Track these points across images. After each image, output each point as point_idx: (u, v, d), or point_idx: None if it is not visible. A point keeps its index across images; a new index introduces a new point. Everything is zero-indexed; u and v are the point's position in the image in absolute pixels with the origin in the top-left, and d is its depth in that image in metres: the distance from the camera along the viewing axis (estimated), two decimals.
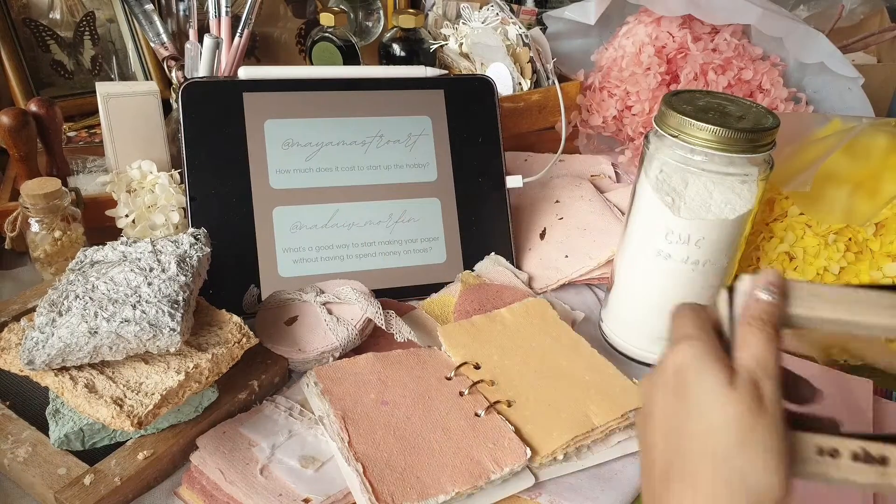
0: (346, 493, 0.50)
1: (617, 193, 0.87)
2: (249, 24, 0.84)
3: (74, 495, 0.47)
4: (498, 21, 0.96)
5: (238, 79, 0.71)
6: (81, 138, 0.91)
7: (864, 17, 1.15)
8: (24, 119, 0.71)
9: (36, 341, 0.50)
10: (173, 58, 0.89)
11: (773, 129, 0.57)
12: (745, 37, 0.96)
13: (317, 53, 1.01)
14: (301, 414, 0.56)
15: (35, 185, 0.66)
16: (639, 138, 0.96)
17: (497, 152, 0.77)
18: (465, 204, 0.75)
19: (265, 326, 0.63)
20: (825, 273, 0.67)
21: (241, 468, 0.50)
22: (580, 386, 0.59)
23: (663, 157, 0.60)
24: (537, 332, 0.64)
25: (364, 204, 0.72)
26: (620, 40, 0.98)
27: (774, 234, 0.70)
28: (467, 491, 0.50)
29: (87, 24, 0.96)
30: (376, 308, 0.64)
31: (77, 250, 0.63)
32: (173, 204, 0.72)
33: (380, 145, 0.73)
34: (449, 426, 0.54)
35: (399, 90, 0.75)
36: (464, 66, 0.98)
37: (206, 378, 0.52)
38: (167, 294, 0.53)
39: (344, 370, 0.58)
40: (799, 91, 0.96)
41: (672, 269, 0.61)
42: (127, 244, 0.60)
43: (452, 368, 0.59)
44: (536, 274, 0.76)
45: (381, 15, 1.16)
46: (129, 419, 0.47)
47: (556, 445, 0.53)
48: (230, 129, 0.69)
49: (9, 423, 0.53)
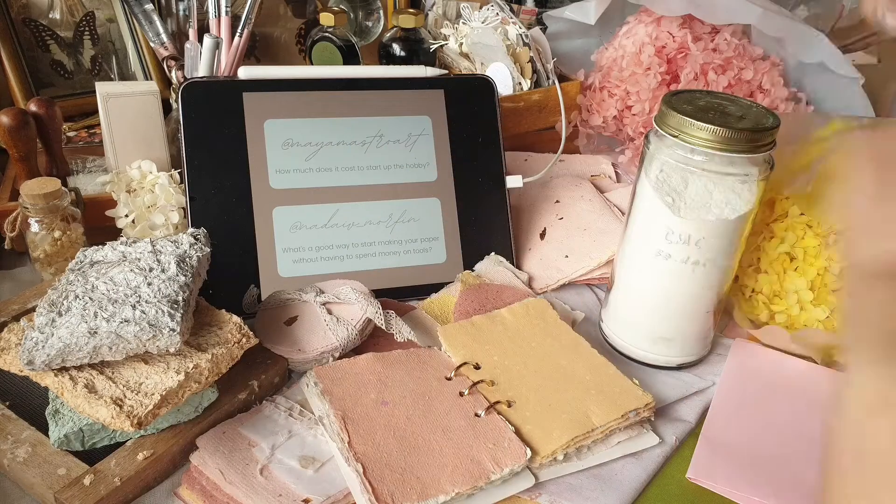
0: (346, 494, 0.50)
1: (617, 193, 0.87)
2: (249, 24, 0.84)
3: (74, 495, 0.47)
4: (498, 21, 0.96)
5: (238, 79, 0.71)
6: (81, 138, 0.91)
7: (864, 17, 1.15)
8: (23, 119, 0.71)
9: (36, 341, 0.50)
10: (173, 58, 0.89)
11: (773, 129, 0.57)
12: (746, 37, 0.96)
13: (317, 53, 1.01)
14: (301, 414, 0.56)
15: (35, 185, 0.66)
16: (639, 138, 0.96)
17: (497, 152, 0.77)
18: (465, 204, 0.75)
19: (265, 326, 0.63)
20: (825, 273, 0.67)
21: (240, 468, 0.50)
22: (580, 386, 0.59)
23: (663, 157, 0.60)
24: (537, 332, 0.64)
25: (364, 204, 0.72)
26: (620, 40, 0.98)
27: (775, 234, 0.70)
28: (467, 491, 0.50)
29: (86, 24, 0.96)
30: (376, 308, 0.63)
31: (77, 250, 0.63)
32: (173, 204, 0.72)
33: (380, 145, 0.73)
34: (449, 426, 0.54)
35: (399, 90, 0.75)
36: (464, 66, 0.98)
37: (206, 378, 0.52)
38: (167, 294, 0.53)
39: (344, 370, 0.58)
40: (799, 91, 0.96)
41: (672, 269, 0.61)
42: (127, 244, 0.60)
43: (452, 369, 0.59)
44: (536, 274, 0.76)
45: (381, 15, 1.16)
46: (128, 419, 0.47)
47: (556, 445, 0.53)
48: (230, 129, 0.69)
49: (9, 423, 0.53)
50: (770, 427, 0.60)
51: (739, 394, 0.63)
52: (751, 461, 0.56)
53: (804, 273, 0.68)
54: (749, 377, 0.65)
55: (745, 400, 0.63)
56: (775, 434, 0.59)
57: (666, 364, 0.66)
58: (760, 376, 0.65)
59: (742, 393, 0.63)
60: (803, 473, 0.55)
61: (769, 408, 0.62)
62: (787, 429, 0.60)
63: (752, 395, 0.63)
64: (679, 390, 0.63)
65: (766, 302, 0.70)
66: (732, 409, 0.61)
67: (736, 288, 0.73)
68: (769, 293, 0.70)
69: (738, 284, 0.72)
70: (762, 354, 0.68)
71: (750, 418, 0.61)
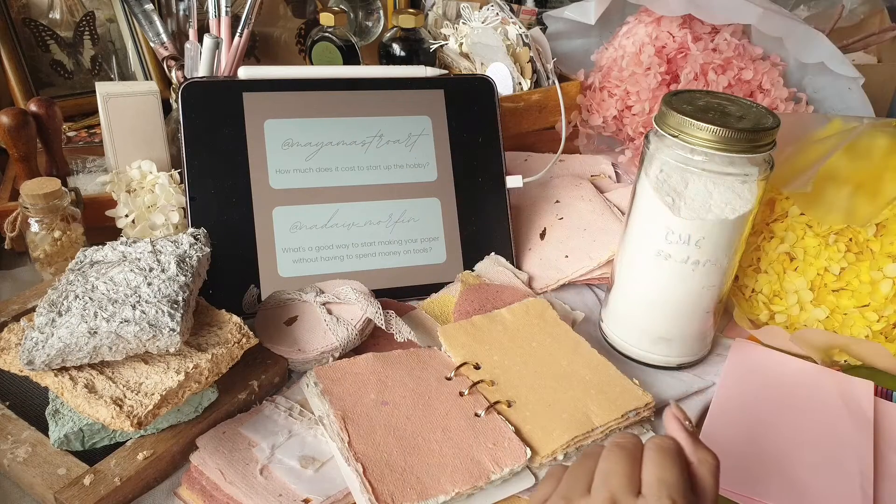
0: (346, 494, 0.50)
1: (617, 193, 0.87)
2: (249, 24, 0.84)
3: (74, 495, 0.47)
4: (498, 21, 0.96)
5: (238, 79, 0.71)
6: (81, 138, 0.91)
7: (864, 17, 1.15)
8: (23, 119, 0.71)
9: (35, 341, 0.50)
10: (173, 58, 0.89)
11: (773, 129, 0.57)
12: (746, 37, 0.96)
13: (317, 53, 1.01)
14: (301, 414, 0.56)
15: (35, 185, 0.66)
16: (639, 138, 0.96)
17: (497, 152, 0.77)
18: (465, 204, 0.75)
19: (265, 326, 0.63)
20: (825, 273, 0.67)
21: (240, 468, 0.50)
22: (580, 386, 0.59)
23: (663, 157, 0.60)
24: (537, 332, 0.64)
25: (364, 204, 0.72)
26: (620, 40, 0.98)
27: (775, 234, 0.70)
28: (467, 491, 0.50)
29: (86, 24, 0.96)
30: (376, 308, 0.63)
31: (77, 250, 0.63)
32: (173, 204, 0.72)
33: (380, 145, 0.73)
34: (449, 426, 0.54)
35: (399, 90, 0.75)
36: (464, 66, 0.98)
37: (206, 378, 0.52)
38: (167, 294, 0.53)
39: (344, 370, 0.58)
40: (799, 91, 0.96)
41: (672, 269, 0.61)
42: (126, 244, 0.60)
43: (452, 368, 0.59)
44: (536, 274, 0.76)
45: (381, 15, 1.16)
46: (128, 419, 0.47)
47: (556, 445, 0.53)
48: (230, 129, 0.69)
49: (9, 423, 0.53)
50: (770, 427, 0.60)
51: (739, 394, 0.63)
52: (751, 461, 0.56)
53: (804, 273, 0.68)
54: (749, 377, 0.65)
55: (745, 400, 0.63)
56: (775, 434, 0.59)
57: (666, 364, 0.66)
58: (760, 376, 0.65)
59: (742, 393, 0.63)
60: (803, 473, 0.55)
61: (769, 408, 0.62)
62: (787, 429, 0.60)
63: (752, 395, 0.63)
64: (679, 390, 0.63)
65: (766, 302, 0.70)
66: (732, 409, 0.61)
67: (736, 288, 0.73)
68: (769, 293, 0.70)
69: (738, 284, 0.72)
70: (762, 354, 0.68)
71: (750, 418, 0.61)
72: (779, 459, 0.57)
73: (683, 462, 0.39)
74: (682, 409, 0.43)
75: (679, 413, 0.42)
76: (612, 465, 0.39)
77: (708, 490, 0.39)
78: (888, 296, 0.65)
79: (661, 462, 0.38)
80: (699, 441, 0.41)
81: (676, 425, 0.42)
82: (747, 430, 0.59)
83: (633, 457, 0.39)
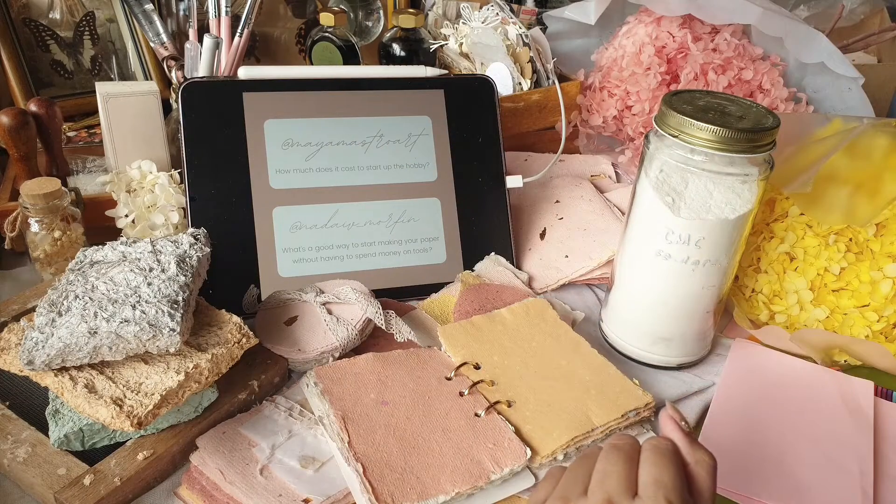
0: (346, 494, 0.50)
1: (617, 193, 0.87)
2: (249, 24, 0.84)
3: (74, 495, 0.47)
4: (498, 21, 0.96)
5: (238, 79, 0.71)
6: (81, 138, 0.91)
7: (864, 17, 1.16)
8: (23, 119, 0.71)
9: (35, 341, 0.50)
10: (173, 58, 0.89)
11: (773, 129, 0.57)
12: (746, 37, 0.96)
13: (317, 53, 1.01)
14: (301, 414, 0.56)
15: (35, 185, 0.66)
16: (639, 138, 0.96)
17: (497, 152, 0.77)
18: (465, 204, 0.75)
19: (265, 326, 0.63)
20: (825, 273, 0.67)
21: (240, 468, 0.50)
22: (580, 386, 0.59)
23: (663, 157, 0.60)
24: (537, 332, 0.64)
25: (364, 204, 0.72)
26: (620, 40, 0.98)
27: (775, 234, 0.70)
28: (467, 491, 0.50)
29: (86, 24, 0.96)
30: (376, 308, 0.63)
31: (77, 250, 0.63)
32: (173, 204, 0.72)
33: (380, 145, 0.73)
34: (449, 426, 0.54)
35: (399, 90, 0.75)
36: (464, 66, 0.98)
37: (206, 378, 0.52)
38: (167, 294, 0.53)
39: (344, 370, 0.58)
40: (799, 91, 0.96)
41: (672, 269, 0.61)
42: (126, 244, 0.60)
43: (452, 368, 0.59)
44: (536, 274, 0.76)
45: (381, 15, 1.16)
46: (128, 419, 0.47)
47: (556, 445, 0.53)
48: (230, 129, 0.69)
49: (9, 423, 0.53)
50: (770, 427, 0.60)
51: (739, 394, 0.63)
52: (751, 461, 0.56)
53: (804, 273, 0.68)
54: (749, 377, 0.65)
55: (745, 400, 0.63)
56: (775, 434, 0.59)
57: (666, 364, 0.66)
58: (760, 376, 0.65)
59: (742, 393, 0.63)
60: (803, 473, 0.55)
61: (769, 408, 0.62)
62: (787, 429, 0.60)
63: (752, 395, 0.63)
64: (679, 390, 0.63)
65: (766, 302, 0.70)
66: (732, 408, 0.61)
67: (736, 288, 0.73)
68: (769, 293, 0.70)
69: (738, 284, 0.72)
70: (762, 354, 0.68)
71: (750, 418, 0.61)
72: (779, 459, 0.57)
73: (680, 463, 0.39)
74: (677, 409, 0.43)
75: (675, 414, 0.43)
76: (608, 467, 0.39)
77: (705, 490, 0.39)
78: (888, 296, 0.65)
79: (658, 463, 0.38)
80: (695, 441, 0.41)
81: (672, 426, 0.42)
82: (747, 430, 0.59)
83: (630, 458, 0.39)
